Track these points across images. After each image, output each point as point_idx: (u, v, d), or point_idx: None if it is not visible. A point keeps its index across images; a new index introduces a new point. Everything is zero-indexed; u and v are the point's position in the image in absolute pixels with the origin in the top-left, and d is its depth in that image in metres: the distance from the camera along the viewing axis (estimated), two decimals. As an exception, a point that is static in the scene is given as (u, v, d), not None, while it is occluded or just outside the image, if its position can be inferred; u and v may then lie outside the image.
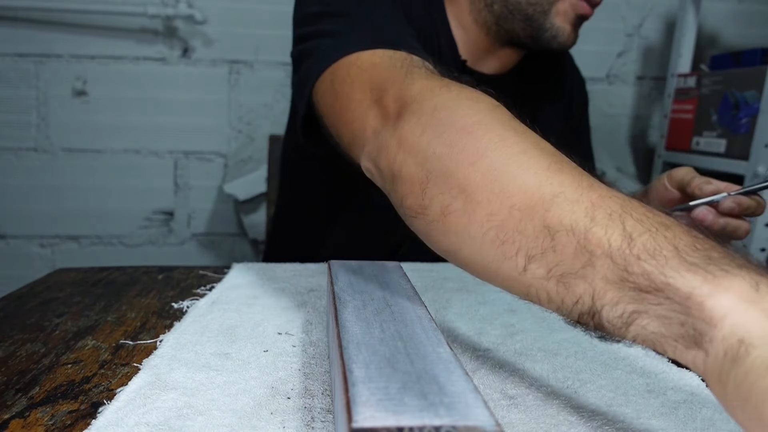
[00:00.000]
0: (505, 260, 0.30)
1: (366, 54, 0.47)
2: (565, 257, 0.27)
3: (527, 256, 0.29)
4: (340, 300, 0.34)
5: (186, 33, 1.26)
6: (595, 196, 0.28)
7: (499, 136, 0.33)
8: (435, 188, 0.34)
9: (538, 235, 0.28)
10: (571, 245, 0.27)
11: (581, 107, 0.84)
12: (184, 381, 0.35)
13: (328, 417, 0.31)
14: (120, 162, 1.31)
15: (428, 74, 0.43)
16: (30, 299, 0.51)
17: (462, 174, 0.32)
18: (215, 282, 0.56)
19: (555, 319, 0.48)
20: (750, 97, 1.03)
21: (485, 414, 0.21)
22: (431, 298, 0.53)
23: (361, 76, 0.46)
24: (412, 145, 0.36)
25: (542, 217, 0.29)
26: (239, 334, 0.43)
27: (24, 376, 0.36)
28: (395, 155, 0.37)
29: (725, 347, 0.21)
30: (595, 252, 0.26)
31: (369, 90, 0.44)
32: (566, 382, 0.37)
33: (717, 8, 1.37)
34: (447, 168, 0.33)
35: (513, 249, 0.29)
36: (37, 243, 1.34)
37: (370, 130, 0.42)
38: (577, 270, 0.27)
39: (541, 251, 0.28)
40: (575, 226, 0.27)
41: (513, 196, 0.30)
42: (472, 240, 0.32)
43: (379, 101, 0.42)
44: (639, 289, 0.24)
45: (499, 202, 0.30)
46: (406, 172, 0.36)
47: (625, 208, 0.27)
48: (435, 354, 0.27)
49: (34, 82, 1.25)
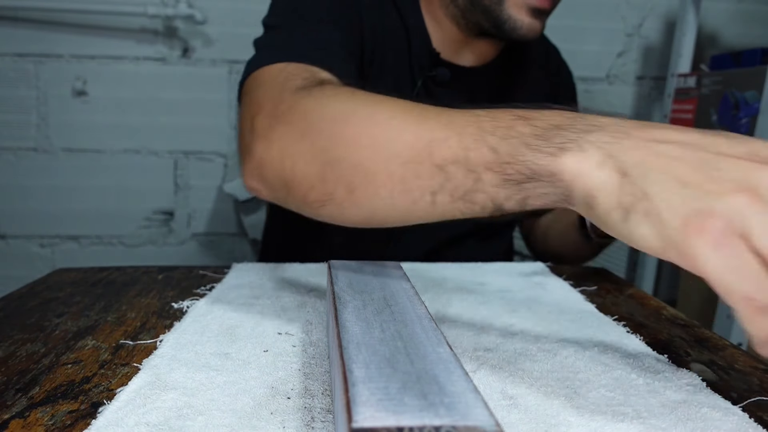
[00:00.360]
0: (415, 203, 0.37)
1: (267, 69, 0.51)
2: (459, 182, 0.34)
3: (431, 192, 0.36)
4: (340, 300, 0.34)
5: (186, 33, 1.27)
6: (458, 128, 0.35)
7: (367, 113, 0.40)
8: (334, 175, 0.39)
9: (432, 175, 0.35)
10: (460, 172, 0.34)
11: (568, 100, 0.85)
12: (184, 381, 0.35)
13: (328, 417, 0.31)
14: (120, 162, 1.31)
15: (305, 84, 0.47)
16: (30, 299, 0.51)
17: (352, 154, 0.38)
18: (215, 282, 0.56)
19: (555, 319, 0.48)
20: (750, 97, 1.03)
21: (485, 414, 0.21)
22: (431, 298, 0.53)
23: (253, 92, 0.50)
24: (296, 150, 0.41)
25: (429, 160, 0.35)
26: (239, 334, 0.43)
27: (24, 376, 0.36)
28: (281, 164, 0.42)
29: (582, 197, 0.30)
30: (477, 169, 0.33)
31: (252, 108, 0.48)
32: (566, 382, 0.37)
33: (717, 8, 1.37)
34: (337, 155, 0.39)
35: (418, 193, 0.36)
36: (37, 243, 1.34)
37: (247, 151, 0.46)
38: (472, 187, 0.34)
39: (440, 185, 0.35)
40: (456, 157, 0.34)
41: (400, 154, 0.36)
42: (383, 200, 0.38)
43: (254, 120, 0.47)
44: (519, 182, 0.32)
45: (392, 163, 0.37)
46: (300, 173, 0.41)
47: (482, 129, 0.34)
48: (435, 354, 0.27)
49: (34, 82, 1.25)
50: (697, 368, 0.40)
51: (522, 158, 0.32)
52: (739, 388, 0.37)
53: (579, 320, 0.48)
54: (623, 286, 0.61)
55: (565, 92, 0.84)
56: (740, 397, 0.36)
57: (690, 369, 0.39)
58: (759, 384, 0.38)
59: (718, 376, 0.39)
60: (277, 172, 0.43)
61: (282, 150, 0.43)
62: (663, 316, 0.51)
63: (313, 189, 0.41)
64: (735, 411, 0.33)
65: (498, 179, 0.33)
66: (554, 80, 0.83)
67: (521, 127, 0.33)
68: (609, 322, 0.48)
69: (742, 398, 0.36)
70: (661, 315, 0.52)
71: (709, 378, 0.38)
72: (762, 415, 0.34)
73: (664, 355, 0.42)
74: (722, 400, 0.35)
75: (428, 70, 0.70)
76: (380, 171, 0.37)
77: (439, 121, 0.36)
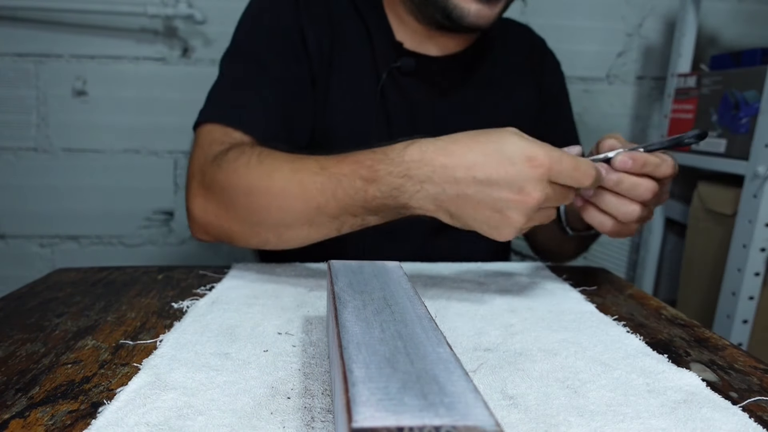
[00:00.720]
0: (328, 234, 0.54)
1: (202, 128, 0.63)
2: (351, 220, 0.52)
3: (336, 229, 0.53)
4: (340, 300, 0.34)
5: (186, 33, 1.26)
6: (323, 177, 0.50)
7: (264, 187, 0.53)
8: (262, 230, 0.55)
9: (331, 221, 0.52)
10: (348, 217, 0.51)
11: (557, 86, 0.85)
12: (184, 381, 0.35)
13: (328, 417, 0.31)
14: (120, 162, 1.31)
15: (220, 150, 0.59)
16: (30, 299, 0.51)
17: (268, 219, 0.54)
18: (215, 282, 0.56)
19: (555, 319, 0.48)
20: (750, 97, 1.03)
21: (485, 414, 0.21)
22: (431, 298, 0.53)
23: (193, 151, 0.62)
24: (226, 217, 0.56)
25: (325, 214, 0.51)
26: (239, 334, 0.43)
27: (24, 376, 0.36)
28: (219, 227, 0.58)
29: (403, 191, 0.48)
30: (359, 213, 0.51)
31: (191, 169, 0.61)
32: (566, 382, 0.37)
33: (717, 8, 1.37)
34: (258, 220, 0.54)
35: (326, 229, 0.53)
36: (37, 243, 1.34)
37: (189, 211, 0.60)
38: (362, 222, 0.52)
39: (339, 224, 0.52)
40: (342, 211, 0.51)
41: (302, 214, 0.52)
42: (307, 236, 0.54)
43: (191, 183, 0.60)
44: (374, 208, 0.50)
45: (299, 220, 0.53)
46: (236, 232, 0.57)
47: (332, 175, 0.50)
48: (435, 354, 0.27)
49: (34, 82, 1.25)
50: (697, 368, 0.40)
51: (384, 207, 0.50)
52: (739, 388, 0.37)
53: (579, 320, 0.48)
54: (623, 286, 0.61)
55: (551, 81, 0.84)
56: (740, 397, 0.36)
57: (690, 369, 0.39)
58: (759, 384, 0.38)
59: (718, 376, 0.39)
60: (217, 230, 0.58)
61: (216, 217, 0.57)
62: (663, 316, 0.51)
63: (250, 240, 0.57)
64: (735, 411, 0.33)
65: (377, 218, 0.51)
66: (538, 69, 0.83)
67: (372, 190, 0.49)
68: (609, 322, 0.48)
69: (742, 398, 0.36)
70: (661, 315, 0.52)
71: (709, 378, 0.38)
72: (762, 415, 0.34)
73: (664, 355, 0.42)
74: (722, 400, 0.35)
75: (393, 61, 0.71)
76: (294, 224, 0.53)
77: (308, 171, 0.51)
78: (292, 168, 0.52)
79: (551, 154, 0.45)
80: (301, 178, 0.51)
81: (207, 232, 0.59)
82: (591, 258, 1.45)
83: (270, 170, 0.53)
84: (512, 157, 0.45)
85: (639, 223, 0.52)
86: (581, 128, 1.39)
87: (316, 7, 0.71)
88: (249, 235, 0.56)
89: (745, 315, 1.00)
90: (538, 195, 0.45)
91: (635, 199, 0.50)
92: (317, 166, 0.51)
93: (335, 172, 0.50)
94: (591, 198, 0.52)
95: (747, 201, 0.99)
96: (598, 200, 0.51)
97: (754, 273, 0.98)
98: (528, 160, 0.44)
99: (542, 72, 0.83)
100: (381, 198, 0.49)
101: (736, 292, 1.00)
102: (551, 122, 0.84)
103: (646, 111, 1.41)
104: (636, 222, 0.51)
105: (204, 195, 0.58)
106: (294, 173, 0.52)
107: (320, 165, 0.51)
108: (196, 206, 0.58)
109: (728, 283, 1.02)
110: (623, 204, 0.50)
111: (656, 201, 0.52)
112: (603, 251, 1.45)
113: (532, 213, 0.46)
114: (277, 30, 0.68)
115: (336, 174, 0.50)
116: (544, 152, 0.45)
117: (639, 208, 0.50)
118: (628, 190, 0.49)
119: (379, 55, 0.71)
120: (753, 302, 1.00)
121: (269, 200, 0.53)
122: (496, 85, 0.78)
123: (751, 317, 1.00)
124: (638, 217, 0.50)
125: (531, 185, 0.44)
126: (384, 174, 0.48)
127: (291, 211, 0.52)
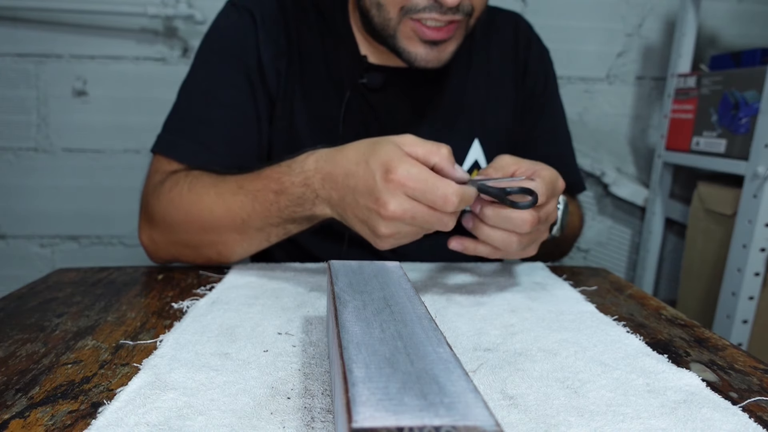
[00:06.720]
0: (261, 243, 0.59)
1: (153, 158, 0.68)
2: (276, 230, 0.57)
3: (266, 240, 0.58)
4: (340, 300, 0.34)
5: (186, 33, 1.26)
6: (242, 195, 0.56)
7: (196, 213, 0.59)
8: (204, 250, 0.61)
9: (259, 233, 0.57)
10: (273, 228, 0.57)
11: (542, 83, 0.79)
12: (184, 381, 0.35)
13: (328, 417, 0.31)
14: (120, 162, 1.31)
15: (160, 181, 0.64)
16: (30, 299, 0.51)
17: (206, 239, 0.60)
18: (215, 282, 0.56)
19: (555, 319, 0.48)
20: (750, 97, 1.03)
21: (485, 414, 0.21)
22: (431, 298, 0.53)
23: (145, 179, 0.68)
24: (170, 243, 0.63)
25: (251, 227, 0.57)
26: (239, 334, 0.43)
27: (24, 376, 0.36)
28: (167, 251, 0.64)
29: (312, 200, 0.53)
30: (281, 224, 0.56)
31: (142, 197, 0.67)
32: (566, 382, 0.37)
33: (717, 8, 1.37)
34: (198, 242, 0.61)
35: (258, 240, 0.59)
36: (37, 243, 1.34)
37: (141, 237, 0.66)
38: (284, 231, 0.57)
39: (267, 234, 0.57)
40: (265, 223, 0.56)
41: (233, 231, 0.58)
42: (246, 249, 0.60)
43: (141, 212, 0.66)
44: (288, 217, 0.55)
45: (232, 236, 0.59)
46: (182, 255, 0.63)
47: (249, 192, 0.56)
48: (435, 354, 0.27)
49: (34, 82, 1.25)
50: (697, 368, 0.40)
51: (296, 215, 0.54)
52: (739, 388, 0.37)
53: (579, 320, 0.48)
54: (623, 286, 0.61)
55: (536, 70, 0.78)
56: (740, 397, 0.36)
57: (690, 369, 0.39)
58: (759, 384, 0.38)
59: (718, 376, 0.39)
60: (165, 255, 0.64)
61: (163, 243, 0.63)
62: (663, 316, 0.51)
63: (196, 259, 0.63)
64: (735, 411, 0.33)
65: (295, 225, 0.56)
66: (523, 55, 0.78)
67: (283, 201, 0.54)
68: (609, 322, 0.48)
69: (742, 398, 0.36)
70: (661, 315, 0.52)
71: (709, 378, 0.38)
72: (762, 415, 0.34)
73: (664, 355, 0.42)
74: (722, 400, 0.35)
75: (359, 78, 0.69)
76: (228, 240, 0.59)
77: (240, 206, 0.56)
78: (217, 192, 0.58)
79: (410, 171, 0.44)
80: (225, 198, 0.57)
81: (159, 257, 0.65)
82: (591, 258, 1.45)
83: (198, 197, 0.59)
84: (374, 168, 0.46)
85: (522, 254, 0.52)
86: (581, 128, 1.40)
87: (274, 24, 0.69)
88: (194, 256, 0.62)
89: (745, 315, 1.00)
90: (393, 208, 0.45)
91: (509, 231, 0.49)
92: (236, 186, 0.57)
93: (251, 189, 0.56)
94: (470, 228, 0.52)
95: (747, 201, 0.99)
96: (475, 229, 0.51)
97: (754, 273, 0.98)
98: (385, 173, 0.45)
99: (527, 58, 0.78)
100: (291, 206, 0.54)
101: (736, 292, 1.00)
102: (537, 115, 0.79)
103: (646, 111, 1.41)
104: (517, 253, 0.51)
105: (149, 226, 0.64)
106: (218, 196, 0.58)
107: (238, 184, 0.57)
108: (144, 236, 0.65)
109: (728, 283, 1.02)
110: (495, 232, 0.50)
111: (535, 236, 0.51)
112: (603, 251, 1.45)
113: (396, 226, 0.46)
114: (232, 52, 0.68)
115: (252, 191, 0.55)
116: (403, 168, 0.44)
117: (516, 238, 0.49)
118: (499, 223, 0.49)
119: (344, 71, 0.69)
120: (753, 302, 1.00)
121: (202, 223, 0.59)
122: (473, 87, 0.75)
123: (751, 317, 1.00)
124: (517, 246, 0.50)
125: (385, 197, 0.45)
126: (288, 185, 0.53)
127: (222, 229, 0.58)
